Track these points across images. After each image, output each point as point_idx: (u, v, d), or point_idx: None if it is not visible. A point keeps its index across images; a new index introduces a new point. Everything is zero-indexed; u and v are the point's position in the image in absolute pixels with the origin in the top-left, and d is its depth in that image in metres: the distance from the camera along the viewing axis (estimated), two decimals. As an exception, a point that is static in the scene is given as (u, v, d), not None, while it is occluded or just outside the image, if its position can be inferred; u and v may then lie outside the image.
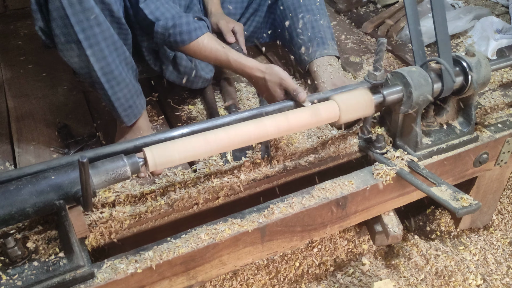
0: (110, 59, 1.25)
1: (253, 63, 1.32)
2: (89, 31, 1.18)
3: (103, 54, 1.22)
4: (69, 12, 1.14)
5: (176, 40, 1.31)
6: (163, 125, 1.56)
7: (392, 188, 1.29)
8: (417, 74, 1.23)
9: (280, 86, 1.28)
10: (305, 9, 1.64)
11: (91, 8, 1.15)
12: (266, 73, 1.29)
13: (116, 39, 1.25)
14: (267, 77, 1.29)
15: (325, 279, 1.56)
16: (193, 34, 1.31)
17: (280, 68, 1.28)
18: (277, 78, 1.27)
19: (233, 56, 1.33)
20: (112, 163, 1.01)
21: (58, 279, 0.95)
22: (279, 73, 1.27)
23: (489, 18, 2.10)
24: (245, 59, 1.33)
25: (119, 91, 1.30)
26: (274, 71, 1.28)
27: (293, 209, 1.17)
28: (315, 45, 1.63)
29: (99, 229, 1.15)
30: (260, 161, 1.32)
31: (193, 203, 1.23)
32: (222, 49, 1.33)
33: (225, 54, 1.33)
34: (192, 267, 1.10)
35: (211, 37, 1.34)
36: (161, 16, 1.30)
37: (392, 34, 2.11)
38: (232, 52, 1.34)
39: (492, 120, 1.50)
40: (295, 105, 1.23)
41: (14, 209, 0.93)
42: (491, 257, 1.64)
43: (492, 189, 1.62)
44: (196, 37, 1.31)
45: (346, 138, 1.42)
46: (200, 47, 1.33)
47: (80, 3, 1.13)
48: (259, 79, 1.31)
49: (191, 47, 1.33)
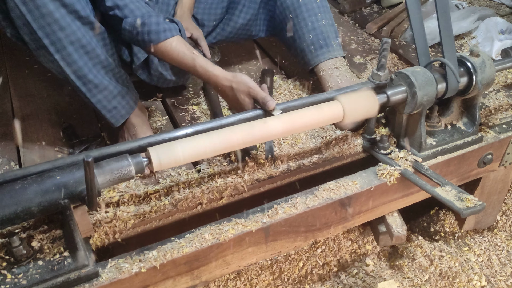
0: (81, 62, 1.24)
1: (220, 71, 1.27)
2: (53, 36, 1.17)
3: (72, 58, 1.22)
4: (29, 18, 1.14)
5: (144, 39, 1.27)
6: (167, 125, 1.56)
7: (396, 188, 1.29)
8: (422, 74, 1.23)
9: (249, 95, 1.23)
10: (305, 9, 1.57)
11: (50, 13, 1.14)
12: (233, 82, 1.25)
13: (86, 43, 1.22)
14: (234, 86, 1.25)
15: (329, 280, 1.55)
16: (162, 35, 1.27)
17: (247, 77, 1.24)
18: (245, 86, 1.23)
19: (200, 62, 1.28)
20: (117, 163, 1.02)
21: (62, 278, 0.96)
22: (246, 82, 1.23)
23: (493, 19, 2.09)
24: (212, 66, 1.28)
25: (98, 93, 1.30)
26: (241, 79, 1.24)
27: (297, 209, 1.17)
28: (318, 48, 1.57)
29: (104, 228, 1.15)
30: (264, 161, 1.33)
31: (197, 203, 1.24)
32: (190, 54, 1.28)
33: (192, 59, 1.28)
34: (196, 267, 1.10)
35: (180, 41, 1.30)
36: (130, 13, 1.27)
37: (396, 34, 2.11)
38: (200, 58, 1.28)
39: (496, 121, 1.50)
40: (264, 113, 1.20)
41: (20, 208, 0.93)
42: (495, 258, 1.63)
43: (496, 190, 1.62)
44: (165, 38, 1.27)
45: (350, 138, 1.42)
46: (168, 49, 1.29)
47: (37, 9, 1.12)
48: (226, 87, 1.27)
49: (158, 48, 1.29)
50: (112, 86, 1.32)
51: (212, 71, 1.27)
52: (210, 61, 1.39)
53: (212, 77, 1.28)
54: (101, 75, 1.29)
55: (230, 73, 1.27)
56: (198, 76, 1.31)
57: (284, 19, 1.62)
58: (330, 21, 1.60)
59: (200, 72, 1.29)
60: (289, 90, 1.70)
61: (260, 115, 1.21)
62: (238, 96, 1.25)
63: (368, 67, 1.88)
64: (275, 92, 1.68)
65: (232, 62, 1.92)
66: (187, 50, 1.29)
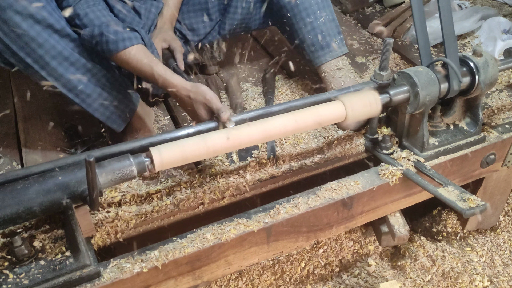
0: (68, 75, 1.23)
1: (178, 82, 1.23)
2: (34, 54, 1.18)
3: (58, 72, 1.22)
4: (7, 41, 1.14)
5: (103, 49, 1.25)
6: (169, 125, 1.56)
7: (398, 188, 1.29)
8: (424, 74, 1.22)
9: (205, 106, 1.20)
10: (303, 8, 1.52)
11: (25, 33, 1.14)
12: (191, 92, 1.21)
13: (68, 54, 1.22)
14: (192, 96, 1.21)
15: (331, 280, 1.55)
16: (120, 45, 1.23)
17: (206, 88, 1.20)
18: (202, 97, 1.19)
19: (158, 71, 1.23)
20: (119, 163, 1.02)
21: (64, 278, 0.96)
22: (204, 93, 1.19)
23: (496, 19, 2.09)
24: (171, 75, 1.23)
25: (93, 102, 1.29)
26: (199, 90, 1.20)
27: (299, 210, 1.17)
28: (319, 49, 1.53)
29: (105, 228, 1.15)
30: (266, 161, 1.32)
31: (199, 203, 1.24)
32: (148, 62, 1.24)
33: (150, 68, 1.23)
34: (198, 267, 1.10)
35: (140, 49, 1.25)
36: (89, 23, 1.26)
37: (399, 34, 2.10)
38: (159, 67, 1.24)
39: (499, 121, 1.49)
40: (217, 126, 1.16)
41: (21, 208, 0.94)
42: (498, 258, 1.63)
43: (499, 190, 1.61)
44: (124, 47, 1.23)
45: (352, 138, 1.42)
46: (127, 58, 1.24)
47: (12, 31, 1.13)
48: (183, 97, 1.23)
49: (118, 57, 1.25)
50: (107, 93, 1.31)
51: (170, 80, 1.23)
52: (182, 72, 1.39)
53: (170, 86, 1.23)
54: (93, 84, 1.28)
55: (190, 83, 1.23)
56: (158, 85, 1.27)
57: (282, 17, 1.58)
58: (330, 16, 1.55)
59: (158, 81, 1.25)
60: (291, 90, 1.70)
61: (213, 127, 1.16)
62: (195, 106, 1.22)
63: (370, 67, 1.87)
64: (277, 92, 1.68)
65: (234, 62, 1.92)
66: (145, 58, 1.25)
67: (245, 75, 1.83)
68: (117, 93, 1.34)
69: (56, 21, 1.19)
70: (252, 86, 1.74)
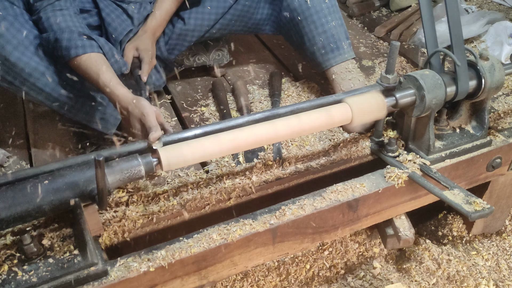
0: (48, 89, 1.26)
1: (122, 92, 1.20)
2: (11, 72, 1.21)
3: (37, 87, 1.25)
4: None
5: (58, 55, 1.26)
6: (176, 126, 1.57)
7: (404, 191, 1.29)
8: (431, 77, 1.23)
9: (140, 121, 1.15)
10: (314, 11, 1.53)
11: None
12: (130, 104, 1.17)
13: (44, 69, 1.24)
14: (130, 109, 1.17)
15: (336, 282, 1.55)
16: (72, 51, 1.23)
17: (147, 104, 1.15)
18: (139, 112, 1.15)
19: (104, 80, 1.22)
20: (127, 163, 1.03)
21: (72, 276, 0.97)
22: (143, 108, 1.14)
23: (503, 23, 2.08)
24: (115, 85, 1.21)
25: (78, 112, 1.32)
26: (139, 104, 1.16)
27: (304, 211, 1.17)
28: (330, 52, 1.55)
29: (113, 227, 1.16)
30: (272, 163, 1.33)
31: (205, 204, 1.25)
32: (96, 71, 1.23)
33: (97, 76, 1.23)
34: (204, 267, 1.11)
35: (92, 58, 1.25)
36: (48, 28, 1.26)
37: (405, 38, 2.11)
38: (105, 76, 1.22)
39: (505, 125, 1.49)
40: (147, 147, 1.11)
41: (31, 206, 0.95)
42: (504, 263, 1.62)
43: (505, 194, 1.61)
44: (75, 55, 1.23)
45: (358, 141, 1.42)
46: (77, 65, 1.25)
47: None
48: (123, 108, 1.20)
49: (71, 64, 1.26)
50: (90, 100, 1.32)
51: (114, 90, 1.21)
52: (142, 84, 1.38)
53: (113, 96, 1.22)
54: (74, 94, 1.29)
55: (133, 96, 1.20)
56: (103, 93, 1.25)
57: (291, 20, 1.58)
58: (339, 21, 1.56)
59: (103, 90, 1.24)
60: (297, 93, 1.71)
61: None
62: (131, 119, 1.19)
63: (376, 70, 1.88)
64: (283, 95, 1.69)
65: (240, 64, 1.93)
66: (94, 67, 1.23)
67: (251, 78, 1.84)
68: (101, 99, 1.35)
69: (25, 36, 1.22)
70: (259, 89, 1.75)
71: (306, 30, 1.56)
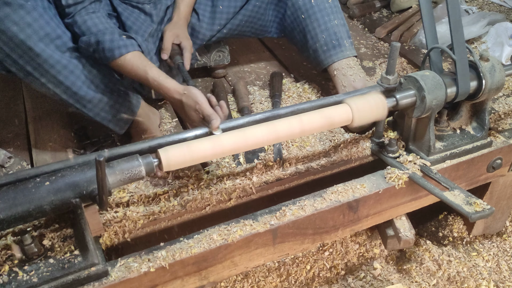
0: (68, 82, 1.26)
1: (172, 85, 1.25)
2: (33, 62, 1.20)
3: (57, 79, 1.25)
4: (7, 50, 1.18)
5: (100, 57, 1.28)
6: (177, 127, 1.57)
7: (404, 192, 1.29)
8: (431, 78, 1.23)
9: (196, 110, 1.20)
10: (318, 9, 1.57)
11: (23, 42, 1.17)
12: (183, 96, 1.22)
13: (66, 63, 1.24)
14: (184, 100, 1.23)
15: (336, 283, 1.55)
16: (116, 52, 1.27)
17: (198, 91, 1.20)
18: (193, 102, 1.20)
19: (152, 75, 1.26)
20: (127, 163, 1.03)
21: (73, 276, 0.97)
22: (195, 97, 1.19)
23: (503, 24, 2.09)
24: (164, 79, 1.26)
25: (94, 107, 1.32)
26: (191, 94, 1.21)
27: (305, 212, 1.17)
28: (332, 48, 1.58)
29: (113, 228, 1.16)
30: (273, 163, 1.33)
31: (206, 204, 1.25)
32: (143, 67, 1.27)
33: (145, 72, 1.27)
34: (204, 267, 1.11)
35: (135, 56, 1.29)
36: (86, 31, 1.28)
37: (406, 39, 2.11)
38: (153, 72, 1.27)
39: (506, 126, 1.49)
40: (208, 132, 1.16)
41: (32, 206, 0.95)
42: (504, 264, 1.62)
43: (505, 195, 1.61)
44: (120, 55, 1.27)
45: (359, 142, 1.42)
46: (122, 64, 1.29)
47: (11, 40, 1.16)
48: (176, 101, 1.25)
49: (114, 64, 1.29)
50: (107, 97, 1.34)
51: (164, 84, 1.26)
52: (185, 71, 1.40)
53: (164, 89, 1.26)
54: (93, 90, 1.30)
55: (182, 87, 1.24)
56: (152, 88, 1.30)
57: (295, 19, 1.62)
58: (342, 21, 1.61)
59: (152, 85, 1.28)
60: (298, 93, 1.71)
61: (203, 134, 1.16)
62: (187, 110, 1.23)
63: (377, 71, 1.88)
64: (284, 95, 1.69)
65: (241, 64, 1.94)
66: (140, 63, 1.28)
67: (252, 79, 1.84)
68: (117, 97, 1.37)
69: (52, 30, 1.22)
70: (259, 89, 1.75)
71: (309, 28, 1.59)
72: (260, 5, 1.66)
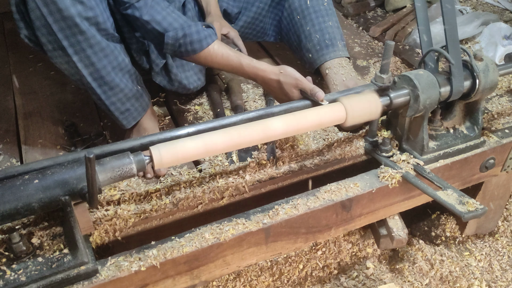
0: (99, 65, 1.24)
1: (266, 66, 1.31)
2: (72, 38, 1.18)
3: (90, 60, 1.23)
4: (50, 20, 1.15)
5: (187, 50, 1.30)
6: (170, 125, 1.56)
7: (397, 191, 1.29)
8: (425, 77, 1.23)
9: (296, 87, 1.27)
10: (313, 11, 1.61)
11: (71, 17, 1.15)
12: (281, 75, 1.29)
13: (104, 46, 1.23)
14: (281, 79, 1.29)
15: (329, 282, 1.55)
16: (204, 42, 1.29)
17: (293, 69, 1.28)
18: (292, 79, 1.27)
19: (245, 60, 1.32)
20: (118, 160, 1.02)
21: (62, 275, 0.95)
22: (293, 74, 1.27)
23: (497, 24, 2.09)
24: (257, 62, 1.32)
25: (113, 95, 1.30)
26: (288, 72, 1.28)
27: (298, 211, 1.17)
28: (324, 48, 1.60)
29: (104, 226, 1.15)
30: (266, 162, 1.32)
31: (198, 203, 1.24)
32: (234, 54, 1.32)
33: (238, 59, 1.32)
34: (196, 267, 1.10)
35: (220, 44, 1.33)
36: (169, 26, 1.28)
37: (400, 38, 2.11)
38: (244, 57, 1.33)
39: (499, 126, 1.49)
40: (313, 103, 1.24)
41: (20, 204, 0.93)
42: (496, 263, 1.63)
43: (498, 195, 1.61)
44: (207, 45, 1.29)
45: (352, 141, 1.42)
46: (212, 54, 1.31)
47: (59, 12, 1.14)
48: (273, 81, 1.31)
49: (202, 55, 1.31)
50: (128, 89, 1.33)
51: (259, 67, 1.31)
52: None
53: (260, 72, 1.31)
54: (119, 78, 1.30)
55: (276, 67, 1.30)
56: (245, 74, 1.34)
57: (291, 20, 1.66)
58: (336, 23, 1.64)
59: (247, 70, 1.32)
60: (291, 92, 1.70)
61: (308, 105, 1.24)
62: (286, 88, 1.29)
63: (371, 70, 1.88)
64: (277, 94, 1.68)
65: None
66: (230, 51, 1.32)
67: (246, 77, 1.83)
68: (136, 91, 1.36)
69: (100, 12, 1.21)
70: (253, 88, 1.74)
71: (304, 28, 1.62)
72: (264, 6, 1.71)
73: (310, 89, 1.24)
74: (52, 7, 1.14)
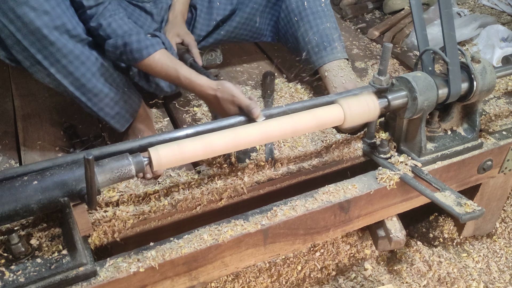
0: (78, 73, 1.24)
1: (204, 81, 1.26)
2: (45, 51, 1.18)
3: (67, 70, 1.23)
4: (19, 36, 1.15)
5: (128, 58, 1.27)
6: (168, 126, 1.56)
7: (395, 193, 1.29)
8: (423, 79, 1.23)
9: (233, 103, 1.22)
10: (310, 12, 1.60)
11: (38, 29, 1.15)
12: (218, 91, 1.23)
13: (78, 53, 1.23)
14: (218, 95, 1.23)
15: (327, 284, 1.55)
16: (144, 52, 1.26)
17: (231, 85, 1.22)
18: (229, 95, 1.21)
19: (183, 73, 1.27)
20: (117, 162, 1.02)
21: (60, 276, 0.95)
22: (230, 90, 1.21)
23: (494, 27, 2.10)
24: (196, 76, 1.27)
25: (99, 102, 1.30)
26: (225, 88, 1.22)
27: (296, 212, 1.17)
28: (323, 50, 1.59)
29: (103, 227, 1.15)
30: (264, 163, 1.33)
31: (196, 204, 1.24)
32: (173, 66, 1.27)
33: (175, 71, 1.27)
34: (194, 268, 1.10)
35: (163, 54, 1.29)
36: (112, 33, 1.27)
37: (398, 40, 2.11)
38: (184, 69, 1.27)
39: (496, 127, 1.50)
40: (247, 120, 1.19)
41: (19, 205, 0.94)
42: (494, 265, 1.63)
43: (496, 196, 1.62)
44: (148, 55, 1.26)
45: (350, 142, 1.42)
46: (151, 64, 1.28)
47: (25, 26, 1.14)
48: (211, 96, 1.26)
49: (142, 64, 1.29)
50: (113, 93, 1.32)
51: (196, 81, 1.26)
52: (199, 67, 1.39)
53: (196, 86, 1.26)
54: (101, 83, 1.29)
55: (215, 82, 1.25)
56: (183, 86, 1.29)
57: (288, 22, 1.64)
58: (334, 24, 1.63)
59: (184, 83, 1.28)
60: (290, 94, 1.71)
61: (243, 121, 1.19)
62: (223, 104, 1.23)
63: (369, 72, 1.89)
64: (276, 95, 1.69)
65: (233, 64, 1.93)
66: (170, 62, 1.28)
67: (244, 78, 1.84)
68: (122, 94, 1.36)
69: (68, 20, 1.20)
70: (252, 89, 1.75)
71: (302, 30, 1.61)
72: (258, 7, 1.68)
73: (246, 105, 1.18)
74: (18, 23, 1.13)
